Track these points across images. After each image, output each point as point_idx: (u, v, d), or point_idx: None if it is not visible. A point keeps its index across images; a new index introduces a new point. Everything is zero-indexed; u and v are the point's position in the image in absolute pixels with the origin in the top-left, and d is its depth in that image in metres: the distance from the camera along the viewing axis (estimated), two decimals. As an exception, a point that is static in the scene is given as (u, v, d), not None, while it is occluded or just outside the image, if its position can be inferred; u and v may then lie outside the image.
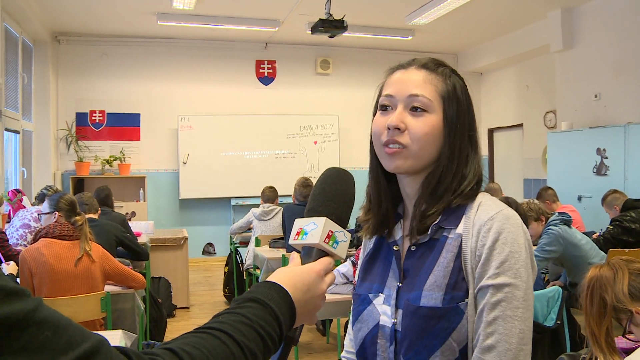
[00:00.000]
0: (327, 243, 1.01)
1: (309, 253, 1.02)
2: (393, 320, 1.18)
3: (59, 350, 0.57)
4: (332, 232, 1.02)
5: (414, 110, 1.17)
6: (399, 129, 1.16)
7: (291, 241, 1.05)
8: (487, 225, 1.11)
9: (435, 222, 1.17)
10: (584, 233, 4.96)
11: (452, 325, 1.09)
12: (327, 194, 1.07)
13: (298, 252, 1.05)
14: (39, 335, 0.56)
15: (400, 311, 1.17)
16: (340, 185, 1.09)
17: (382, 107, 1.23)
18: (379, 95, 1.26)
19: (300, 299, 0.90)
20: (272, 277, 0.92)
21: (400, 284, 1.20)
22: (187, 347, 0.72)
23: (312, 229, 1.02)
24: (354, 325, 1.28)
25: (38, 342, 0.56)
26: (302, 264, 1.00)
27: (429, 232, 1.18)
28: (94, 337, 0.62)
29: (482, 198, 1.19)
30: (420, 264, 1.17)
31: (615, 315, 1.84)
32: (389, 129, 1.17)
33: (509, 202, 3.67)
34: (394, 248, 1.25)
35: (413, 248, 1.21)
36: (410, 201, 1.25)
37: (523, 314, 1.07)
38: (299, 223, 1.05)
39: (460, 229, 1.15)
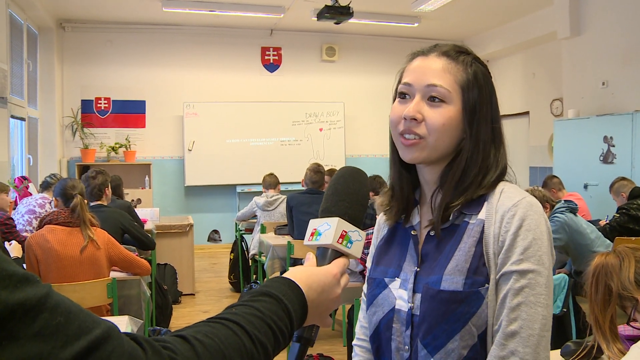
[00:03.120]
0: (341, 243, 1.00)
1: (324, 254, 1.02)
2: (410, 304, 1.18)
3: (71, 335, 0.58)
4: (345, 232, 1.01)
5: (432, 100, 1.16)
6: (415, 119, 1.15)
7: (306, 242, 1.04)
8: (511, 212, 1.11)
9: (457, 208, 1.17)
10: (589, 221, 4.94)
11: (472, 310, 1.09)
12: (340, 194, 1.06)
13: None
14: (52, 321, 0.57)
15: (418, 295, 1.17)
16: (353, 185, 1.08)
17: (400, 95, 1.21)
18: (399, 82, 1.23)
19: (314, 299, 0.90)
20: (288, 274, 0.92)
21: (418, 269, 1.20)
22: (199, 335, 0.73)
23: (326, 229, 1.02)
24: (368, 309, 1.28)
25: (52, 327, 0.56)
26: (317, 264, 1.00)
27: (450, 219, 1.18)
28: (104, 323, 0.62)
29: (504, 185, 1.18)
30: (440, 248, 1.17)
31: (620, 303, 1.83)
32: (405, 119, 1.16)
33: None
34: (412, 233, 1.25)
35: (432, 233, 1.20)
36: (429, 188, 1.25)
37: (545, 301, 1.08)
38: (313, 224, 1.05)
39: (482, 214, 1.15)
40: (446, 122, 1.15)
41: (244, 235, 6.91)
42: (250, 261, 6.54)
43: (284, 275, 0.92)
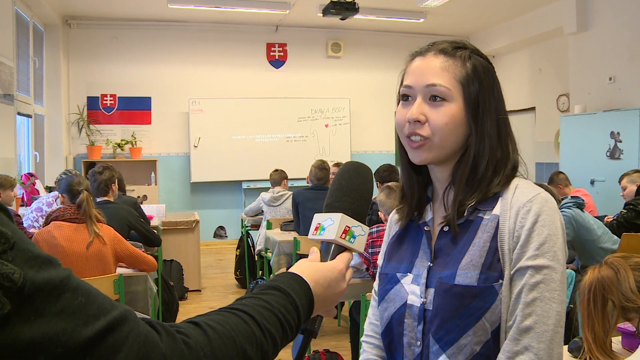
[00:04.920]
0: (344, 238, 1.02)
1: (327, 248, 1.03)
2: (422, 299, 1.18)
3: (92, 315, 0.61)
4: (348, 227, 1.03)
5: (433, 99, 1.16)
6: (419, 121, 1.15)
7: (310, 236, 1.06)
8: (526, 207, 1.11)
9: (472, 204, 1.17)
10: (596, 217, 4.92)
11: (486, 305, 1.09)
12: (344, 189, 1.07)
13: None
14: (74, 300, 0.61)
15: (431, 290, 1.17)
16: (357, 179, 1.08)
17: (403, 97, 1.22)
18: (401, 84, 1.24)
19: (320, 294, 0.92)
20: (295, 269, 0.94)
21: (431, 264, 1.20)
22: (211, 322, 0.76)
23: (330, 224, 1.03)
24: (379, 305, 1.28)
25: (74, 306, 0.60)
26: (321, 257, 1.01)
27: (464, 215, 1.18)
28: (121, 306, 0.66)
29: (518, 181, 1.19)
30: (454, 243, 1.18)
31: (624, 316, 1.77)
32: (409, 122, 1.16)
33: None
34: (425, 229, 1.25)
35: (446, 228, 1.21)
36: (441, 185, 1.25)
37: (559, 297, 1.08)
38: (317, 218, 1.07)
39: (496, 210, 1.15)
40: (449, 120, 1.15)
41: (249, 231, 6.92)
42: (256, 257, 6.55)
43: (291, 270, 0.93)
